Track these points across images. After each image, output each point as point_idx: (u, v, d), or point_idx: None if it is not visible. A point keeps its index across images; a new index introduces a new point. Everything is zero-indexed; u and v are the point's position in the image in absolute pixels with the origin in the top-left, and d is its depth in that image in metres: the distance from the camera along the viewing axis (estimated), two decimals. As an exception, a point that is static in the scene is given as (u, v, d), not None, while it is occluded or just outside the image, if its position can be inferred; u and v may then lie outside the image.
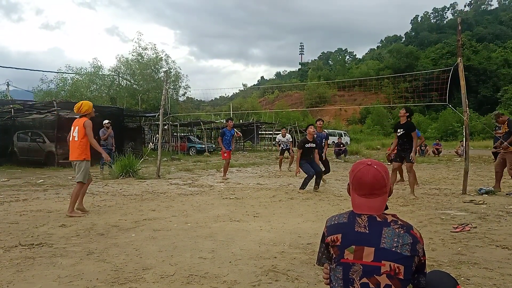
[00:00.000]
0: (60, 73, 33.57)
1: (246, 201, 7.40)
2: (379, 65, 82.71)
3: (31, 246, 4.32)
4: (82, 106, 6.32)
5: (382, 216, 1.76)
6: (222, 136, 11.72)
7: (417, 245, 1.68)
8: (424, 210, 6.34)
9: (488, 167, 14.24)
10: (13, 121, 18.47)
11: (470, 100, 12.59)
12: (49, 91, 33.19)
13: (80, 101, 6.62)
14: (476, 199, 7.14)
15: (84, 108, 6.30)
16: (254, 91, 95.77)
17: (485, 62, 68.97)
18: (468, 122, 8.33)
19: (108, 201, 7.47)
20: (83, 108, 6.31)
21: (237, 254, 4.00)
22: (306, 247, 4.26)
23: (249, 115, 46.65)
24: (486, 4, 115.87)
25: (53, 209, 6.64)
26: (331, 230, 1.81)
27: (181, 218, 5.87)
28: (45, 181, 10.86)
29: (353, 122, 68.75)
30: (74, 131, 6.29)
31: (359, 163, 1.86)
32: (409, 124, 7.98)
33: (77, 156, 6.25)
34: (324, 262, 1.87)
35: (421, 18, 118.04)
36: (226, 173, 11.81)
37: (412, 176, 8.00)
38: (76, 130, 6.27)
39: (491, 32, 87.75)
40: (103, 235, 4.84)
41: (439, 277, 1.85)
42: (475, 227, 5.07)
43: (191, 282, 3.24)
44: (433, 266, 3.50)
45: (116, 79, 36.16)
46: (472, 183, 8.99)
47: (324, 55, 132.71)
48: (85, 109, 6.32)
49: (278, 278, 3.32)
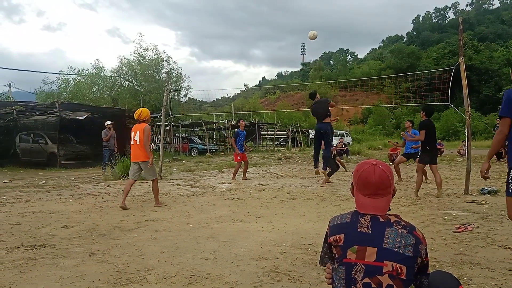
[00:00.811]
0: (62, 75, 33.68)
1: (248, 202, 7.41)
2: (380, 65, 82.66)
3: (34, 247, 4.34)
4: (142, 113, 7.10)
5: (385, 217, 1.75)
6: (236, 137, 11.49)
7: (419, 246, 1.68)
8: (426, 210, 6.33)
9: (491, 167, 14.18)
10: (15, 123, 18.51)
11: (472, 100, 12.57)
12: (51, 93, 33.29)
13: (140, 109, 7.31)
14: (478, 199, 7.12)
15: (143, 115, 7.08)
16: (256, 92, 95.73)
17: (487, 61, 68.84)
18: (470, 122, 8.32)
19: (110, 202, 7.49)
20: (142, 115, 7.08)
21: (239, 255, 4.00)
22: (308, 247, 4.26)
23: (251, 116, 46.67)
24: (487, 3, 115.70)
25: (55, 210, 6.65)
26: (334, 230, 1.81)
27: (183, 219, 5.88)
28: (47, 182, 10.88)
29: (355, 122, 68.73)
30: (136, 135, 7.00)
31: (364, 163, 1.86)
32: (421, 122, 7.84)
33: (143, 158, 7.00)
34: (327, 262, 1.88)
35: (423, 17, 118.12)
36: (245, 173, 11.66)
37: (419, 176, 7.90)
38: (138, 134, 6.97)
39: (492, 31, 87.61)
40: (105, 236, 4.85)
41: (442, 277, 1.85)
42: (477, 227, 5.06)
43: (193, 283, 3.24)
44: (435, 266, 3.49)
45: (118, 80, 36.22)
46: (474, 183, 8.96)
47: (326, 55, 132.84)
48: (144, 116, 7.09)
49: (280, 279, 3.32)
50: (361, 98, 75.00)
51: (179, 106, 38.34)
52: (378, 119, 62.07)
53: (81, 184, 10.57)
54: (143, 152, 6.97)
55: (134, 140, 7.02)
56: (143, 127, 6.98)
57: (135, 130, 7.07)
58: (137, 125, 7.11)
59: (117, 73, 36.69)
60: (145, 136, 6.94)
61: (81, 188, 9.64)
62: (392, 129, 60.52)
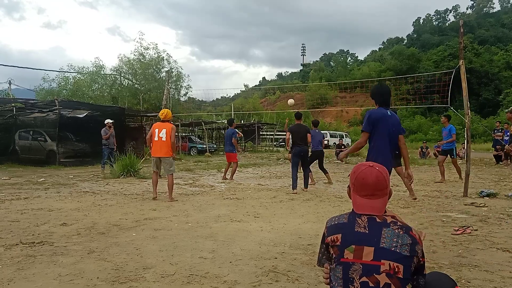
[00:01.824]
0: (62, 72, 33.67)
1: (247, 202, 7.41)
2: (380, 67, 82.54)
3: (32, 244, 4.33)
4: (167, 113, 7.88)
5: (382, 217, 1.78)
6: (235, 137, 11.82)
7: (416, 246, 1.70)
8: (425, 212, 6.33)
9: (489, 170, 14.23)
10: (15, 120, 18.47)
11: (471, 103, 12.60)
12: (51, 90, 33.29)
13: (165, 109, 8.21)
14: (477, 202, 7.12)
15: (168, 115, 7.89)
16: (256, 92, 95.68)
17: (487, 64, 68.78)
18: (469, 125, 8.32)
19: (109, 200, 7.49)
20: (168, 115, 7.86)
21: (238, 254, 4.01)
22: (307, 248, 4.26)
23: (251, 116, 46.64)
24: (488, 6, 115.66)
25: (54, 207, 6.65)
26: (331, 231, 1.83)
27: (182, 218, 5.88)
28: (46, 180, 10.87)
29: (355, 124, 68.61)
30: (161, 132, 7.65)
31: (361, 164, 1.89)
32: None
33: (165, 153, 7.66)
34: (324, 262, 1.89)
35: (423, 20, 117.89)
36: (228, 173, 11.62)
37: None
38: (164, 132, 7.63)
39: (493, 34, 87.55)
40: (104, 234, 4.85)
41: (438, 278, 1.87)
42: (476, 230, 5.07)
43: (191, 282, 3.24)
44: (434, 268, 3.50)
45: (118, 78, 36.22)
46: (473, 186, 8.97)
47: (326, 57, 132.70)
48: (169, 116, 7.92)
49: (279, 279, 3.32)
50: (361, 99, 74.82)
51: (179, 105, 38.35)
52: (377, 121, 61.97)
53: (80, 182, 10.57)
54: (166, 147, 7.64)
55: (159, 137, 7.63)
56: (170, 126, 7.71)
57: (160, 127, 7.70)
58: (161, 124, 7.78)
59: (117, 71, 36.71)
60: (172, 134, 7.64)
61: (80, 186, 9.63)
62: (391, 131, 60.46)
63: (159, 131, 7.67)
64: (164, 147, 7.63)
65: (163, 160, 7.71)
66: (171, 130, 7.64)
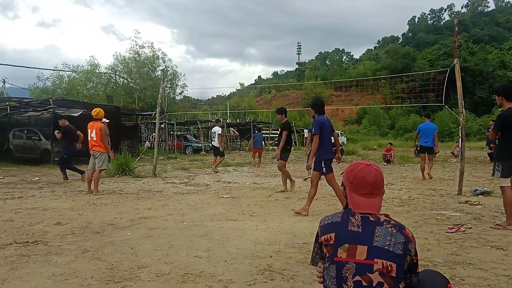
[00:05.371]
0: (57, 71, 33.47)
1: (242, 201, 7.41)
2: (376, 65, 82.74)
3: (26, 243, 4.31)
4: (98, 111, 8.38)
5: (375, 216, 1.78)
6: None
7: (409, 245, 1.71)
8: (419, 211, 6.36)
9: (484, 168, 14.31)
10: (9, 119, 18.37)
11: (466, 102, 12.67)
12: (45, 89, 33.12)
13: (97, 108, 8.59)
14: (472, 200, 7.17)
15: (100, 114, 8.37)
16: (251, 91, 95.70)
17: (481, 63, 69.18)
18: (464, 123, 8.37)
19: (104, 199, 7.46)
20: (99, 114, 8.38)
21: (233, 253, 4.01)
22: (302, 246, 4.27)
23: (246, 115, 46.64)
24: (483, 5, 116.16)
25: (48, 207, 6.62)
26: (324, 230, 1.83)
27: (177, 217, 5.87)
28: (40, 179, 10.82)
29: (350, 122, 68.79)
30: (92, 133, 8.23)
31: (358, 163, 1.89)
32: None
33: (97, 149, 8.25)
34: (318, 261, 1.89)
35: (418, 19, 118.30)
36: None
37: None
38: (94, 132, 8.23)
39: (487, 33, 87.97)
40: (98, 233, 4.83)
41: (431, 275, 1.88)
42: (470, 228, 5.10)
43: (186, 281, 3.24)
44: (428, 266, 3.52)
45: (113, 77, 36.06)
46: (467, 184, 9.03)
47: (322, 55, 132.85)
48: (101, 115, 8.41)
49: (274, 277, 3.32)
50: (356, 98, 75.10)
51: (174, 104, 38.28)
52: (373, 119, 62.18)
53: (74, 181, 10.52)
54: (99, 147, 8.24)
55: (91, 137, 8.28)
56: (99, 127, 8.23)
57: (91, 128, 8.31)
58: (93, 123, 8.35)
59: (112, 70, 36.57)
60: (102, 133, 8.21)
61: (74, 185, 9.59)
62: (386, 129, 60.70)
63: (91, 131, 8.31)
64: (96, 146, 8.27)
65: (93, 154, 8.31)
66: (99, 131, 8.20)
